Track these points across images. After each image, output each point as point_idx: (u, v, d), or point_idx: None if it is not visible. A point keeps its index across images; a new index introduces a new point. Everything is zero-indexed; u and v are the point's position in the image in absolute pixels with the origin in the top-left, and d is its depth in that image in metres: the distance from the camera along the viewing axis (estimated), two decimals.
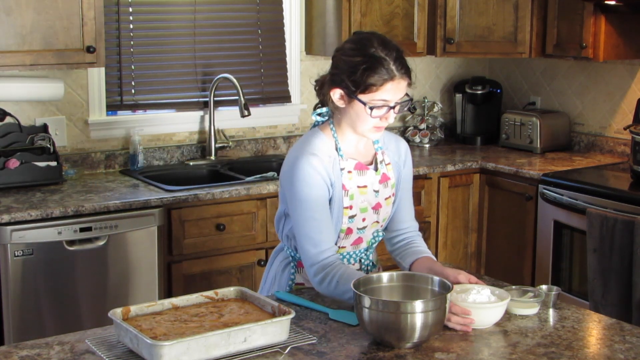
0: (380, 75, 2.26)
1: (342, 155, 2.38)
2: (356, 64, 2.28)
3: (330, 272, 2.29)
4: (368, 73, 2.26)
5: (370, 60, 2.27)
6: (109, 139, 4.01)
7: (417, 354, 1.96)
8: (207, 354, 1.85)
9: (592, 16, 4.06)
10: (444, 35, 4.45)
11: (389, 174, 2.48)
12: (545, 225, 3.99)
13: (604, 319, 2.24)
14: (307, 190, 2.31)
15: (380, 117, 2.31)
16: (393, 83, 2.28)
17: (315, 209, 2.31)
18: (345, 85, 2.31)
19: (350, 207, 2.38)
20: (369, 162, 2.46)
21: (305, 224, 2.32)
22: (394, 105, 2.31)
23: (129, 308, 2.00)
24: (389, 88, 2.28)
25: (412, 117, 4.85)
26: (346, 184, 2.37)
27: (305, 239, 2.33)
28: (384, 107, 2.30)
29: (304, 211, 2.32)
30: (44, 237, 3.23)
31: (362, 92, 2.28)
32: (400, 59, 2.30)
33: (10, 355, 1.94)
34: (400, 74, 2.29)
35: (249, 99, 4.24)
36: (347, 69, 2.30)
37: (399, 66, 2.28)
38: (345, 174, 2.37)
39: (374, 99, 2.29)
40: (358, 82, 2.28)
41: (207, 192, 3.57)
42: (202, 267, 3.61)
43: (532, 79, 4.91)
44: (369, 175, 2.43)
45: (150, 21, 4.10)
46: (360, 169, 2.41)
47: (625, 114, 4.42)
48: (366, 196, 2.41)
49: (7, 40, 3.38)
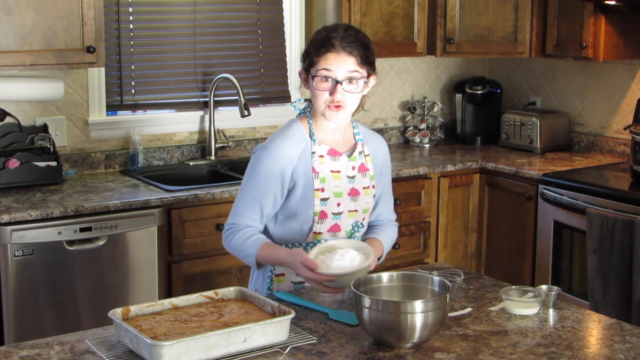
0: (322, 47, 2.39)
1: (314, 140, 2.46)
2: (309, 43, 2.46)
3: (245, 231, 2.43)
4: (313, 47, 2.41)
5: (319, 37, 2.43)
6: (109, 139, 4.01)
7: (417, 354, 1.96)
8: (207, 354, 1.85)
9: (592, 16, 4.06)
10: (444, 35, 4.45)
11: (367, 165, 2.54)
12: (545, 225, 3.99)
13: (604, 319, 2.24)
14: (259, 168, 2.43)
15: (328, 90, 2.38)
16: (333, 54, 2.37)
17: (256, 187, 2.43)
18: (303, 66, 2.47)
19: (322, 189, 2.44)
20: (346, 151, 2.52)
21: (243, 194, 2.46)
22: (340, 81, 2.37)
23: (129, 308, 2.00)
24: (329, 58, 2.37)
25: (412, 117, 4.85)
26: (316, 167, 2.44)
27: (236, 205, 2.47)
28: (330, 80, 2.38)
29: (247, 182, 2.45)
30: (44, 237, 3.23)
31: (309, 66, 2.42)
32: (351, 36, 2.40)
33: (10, 355, 1.94)
34: (342, 47, 2.38)
35: (249, 99, 4.24)
36: (305, 51, 2.48)
37: (344, 41, 2.38)
38: (317, 158, 2.44)
39: (317, 70, 2.39)
40: (305, 56, 2.46)
41: (207, 192, 3.57)
42: (202, 267, 3.61)
43: (532, 79, 4.91)
44: (342, 161, 2.49)
45: (150, 21, 4.10)
46: (334, 155, 2.47)
47: (625, 114, 4.42)
48: (340, 181, 2.47)
49: (7, 40, 3.38)
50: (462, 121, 4.92)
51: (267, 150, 2.44)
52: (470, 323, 2.16)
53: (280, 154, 2.42)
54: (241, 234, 2.42)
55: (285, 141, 2.44)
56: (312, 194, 2.43)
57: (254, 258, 2.40)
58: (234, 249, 2.45)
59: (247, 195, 2.45)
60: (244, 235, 2.42)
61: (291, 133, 2.47)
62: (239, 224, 2.45)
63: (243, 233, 2.42)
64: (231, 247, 2.46)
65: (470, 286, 2.45)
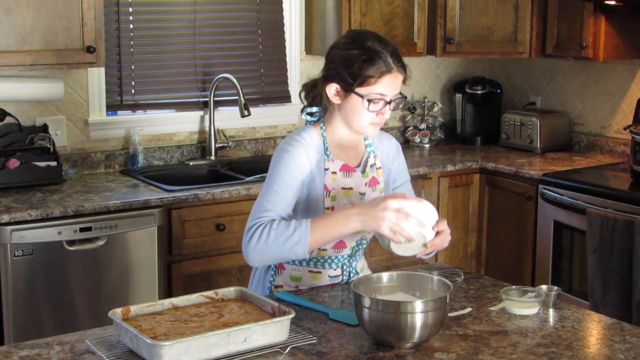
0: (378, 67, 2.26)
1: (328, 155, 2.36)
2: (354, 57, 2.27)
3: (266, 226, 2.20)
4: (366, 65, 2.25)
5: (368, 52, 2.26)
6: (109, 139, 4.01)
7: (417, 354, 1.96)
8: (207, 354, 1.85)
9: (592, 16, 4.06)
10: (444, 35, 4.45)
11: (378, 179, 2.45)
12: (545, 225, 3.99)
13: (604, 319, 2.24)
14: (283, 166, 2.28)
15: (377, 112, 2.30)
16: (391, 76, 2.28)
17: (281, 184, 2.27)
18: (341, 78, 2.29)
19: (332, 208, 2.35)
20: (357, 164, 2.43)
21: (266, 193, 2.28)
22: (390, 101, 2.30)
23: (129, 308, 2.00)
24: (386, 81, 2.27)
25: (412, 117, 4.85)
26: (329, 185, 2.34)
27: (258, 205, 2.27)
28: (381, 102, 2.29)
29: (270, 182, 2.29)
30: (44, 237, 3.23)
31: (359, 84, 2.27)
32: (396, 54, 2.30)
33: (10, 355, 1.94)
34: (397, 67, 2.29)
35: (249, 99, 4.24)
36: (343, 62, 2.28)
37: (396, 60, 2.29)
38: (329, 175, 2.34)
39: (372, 92, 2.28)
40: (356, 74, 2.26)
41: (207, 192, 3.57)
42: (202, 267, 3.61)
43: (532, 79, 4.91)
44: (356, 177, 2.40)
45: (150, 21, 4.10)
46: (347, 171, 2.38)
47: (625, 114, 4.42)
48: (351, 198, 2.38)
49: (7, 40, 3.38)
50: (462, 121, 4.92)
51: (289, 152, 2.30)
52: (470, 323, 2.16)
53: (303, 158, 2.30)
54: (276, 223, 2.20)
55: (307, 149, 2.32)
56: (322, 212, 2.34)
57: (306, 237, 2.16)
58: (274, 244, 2.18)
59: (271, 193, 2.27)
60: (281, 225, 2.19)
61: (307, 141, 2.33)
62: (265, 218, 2.23)
63: (278, 222, 2.20)
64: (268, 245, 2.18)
65: (470, 286, 2.45)
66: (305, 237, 2.18)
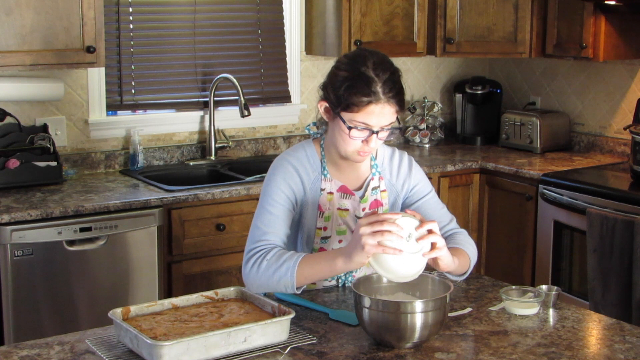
0: (363, 95, 2.12)
1: (325, 175, 2.29)
2: (342, 80, 2.16)
3: (261, 255, 2.15)
4: (351, 91, 2.13)
5: (356, 78, 2.13)
6: (109, 139, 4.01)
7: (417, 354, 1.96)
8: (207, 354, 1.85)
9: (592, 16, 4.06)
10: (444, 35, 4.45)
11: (382, 201, 2.35)
12: (545, 225, 3.99)
13: (604, 319, 2.24)
14: (274, 185, 2.23)
15: (361, 139, 2.17)
16: (377, 106, 2.12)
17: (273, 204, 2.22)
18: (329, 99, 2.20)
19: (324, 228, 2.30)
20: (359, 187, 2.34)
21: (260, 215, 2.24)
22: (377, 131, 2.16)
23: (129, 308, 2.00)
24: (371, 111, 2.13)
25: (412, 117, 4.85)
26: (323, 205, 2.27)
27: (254, 228, 2.23)
28: (366, 131, 2.16)
29: (263, 202, 2.25)
30: (44, 237, 3.23)
31: (343, 109, 2.15)
32: (392, 82, 2.14)
33: (10, 355, 1.94)
34: (387, 98, 2.13)
35: (249, 99, 4.24)
36: (332, 83, 2.19)
37: (387, 89, 2.13)
38: (325, 195, 2.27)
39: (355, 120, 2.15)
40: (340, 98, 2.15)
41: (207, 192, 3.57)
42: (202, 267, 3.61)
43: (532, 79, 4.91)
44: (353, 201, 2.31)
45: (150, 21, 4.10)
46: (345, 192, 2.30)
47: (625, 114, 4.42)
48: (346, 219, 2.31)
49: (7, 40, 3.38)
50: (462, 121, 4.92)
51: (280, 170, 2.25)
52: (470, 323, 2.16)
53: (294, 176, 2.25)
54: (271, 254, 2.15)
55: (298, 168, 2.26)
56: (314, 231, 2.29)
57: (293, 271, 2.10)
58: (264, 275, 2.14)
59: (265, 214, 2.23)
60: (275, 255, 2.14)
61: (302, 161, 2.27)
62: (262, 245, 2.19)
63: (274, 252, 2.16)
64: (259, 274, 2.14)
65: (470, 286, 2.45)
66: (292, 272, 2.12)
